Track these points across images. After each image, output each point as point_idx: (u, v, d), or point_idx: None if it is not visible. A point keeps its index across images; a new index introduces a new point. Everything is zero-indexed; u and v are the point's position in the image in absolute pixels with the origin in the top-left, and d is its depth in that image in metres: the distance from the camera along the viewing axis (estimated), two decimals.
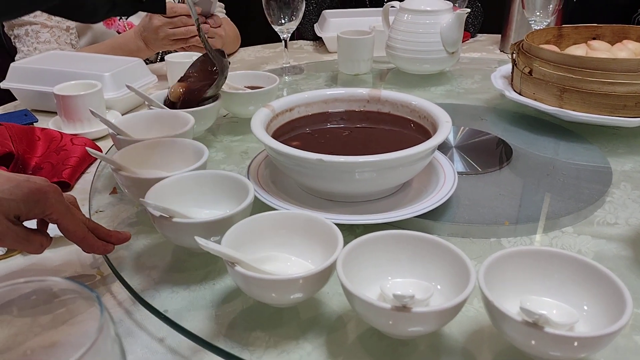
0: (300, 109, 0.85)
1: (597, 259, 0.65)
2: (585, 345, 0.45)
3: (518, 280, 0.53)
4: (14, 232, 0.56)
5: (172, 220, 0.60)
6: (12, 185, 0.56)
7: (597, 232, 0.71)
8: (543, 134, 0.98)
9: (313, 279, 0.52)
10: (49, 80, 1.07)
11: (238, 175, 0.68)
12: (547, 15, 1.33)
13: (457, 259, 0.53)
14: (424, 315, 0.47)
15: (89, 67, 1.11)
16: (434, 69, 1.30)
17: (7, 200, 0.55)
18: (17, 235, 0.56)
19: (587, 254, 0.67)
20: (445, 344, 0.54)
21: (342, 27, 1.38)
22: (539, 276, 0.53)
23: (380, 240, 0.55)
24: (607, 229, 0.72)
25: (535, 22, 1.35)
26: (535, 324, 0.45)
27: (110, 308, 0.60)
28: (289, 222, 0.60)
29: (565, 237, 0.70)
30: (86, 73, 1.07)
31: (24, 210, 0.56)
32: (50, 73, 1.10)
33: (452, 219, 0.72)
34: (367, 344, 0.54)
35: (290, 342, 0.54)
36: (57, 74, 1.08)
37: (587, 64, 0.92)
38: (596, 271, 0.50)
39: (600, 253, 0.67)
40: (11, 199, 0.55)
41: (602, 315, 0.49)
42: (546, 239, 0.70)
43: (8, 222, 0.55)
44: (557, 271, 0.52)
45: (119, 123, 0.83)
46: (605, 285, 0.50)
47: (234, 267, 0.52)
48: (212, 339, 0.55)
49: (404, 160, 0.67)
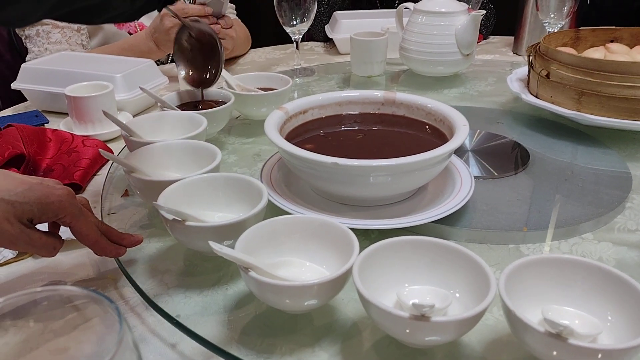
0: (314, 111, 0.84)
1: (618, 266, 0.63)
2: (610, 357, 0.43)
3: (539, 288, 0.51)
4: (27, 236, 0.55)
5: (185, 224, 0.59)
6: (25, 189, 0.55)
7: (618, 239, 0.70)
8: (560, 138, 0.97)
9: (328, 286, 0.51)
10: (60, 81, 1.06)
11: (251, 178, 0.67)
12: (562, 18, 1.31)
13: (476, 267, 0.51)
14: (443, 324, 0.46)
15: (100, 68, 1.10)
16: (448, 71, 1.29)
17: (20, 204, 0.54)
18: (30, 238, 0.55)
19: (608, 261, 0.65)
20: (463, 353, 0.52)
21: (354, 28, 1.37)
22: (560, 285, 0.51)
23: (396, 246, 0.54)
24: (628, 235, 0.70)
25: (549, 24, 1.33)
26: (559, 335, 0.43)
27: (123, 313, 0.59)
28: (303, 227, 0.59)
29: (585, 244, 0.69)
30: (97, 74, 1.06)
31: (37, 213, 0.55)
32: (61, 74, 1.09)
33: (469, 224, 0.71)
34: (383, 352, 0.53)
35: (305, 350, 0.53)
36: (68, 74, 1.08)
37: (606, 67, 0.91)
38: (620, 280, 0.49)
39: (622, 261, 0.65)
40: (24, 202, 0.54)
41: (627, 327, 0.48)
42: (566, 246, 0.68)
43: (21, 225, 0.54)
44: (579, 280, 0.51)
45: (131, 124, 0.82)
46: (630, 295, 0.48)
47: (248, 272, 0.51)
48: (225, 346, 0.54)
49: (420, 164, 0.66)
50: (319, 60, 1.53)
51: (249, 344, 0.54)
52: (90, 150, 0.89)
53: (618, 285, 0.49)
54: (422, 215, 0.68)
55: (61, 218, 0.57)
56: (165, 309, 0.58)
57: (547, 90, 1.00)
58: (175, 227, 0.60)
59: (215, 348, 0.53)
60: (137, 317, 0.59)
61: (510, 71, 1.16)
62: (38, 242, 0.56)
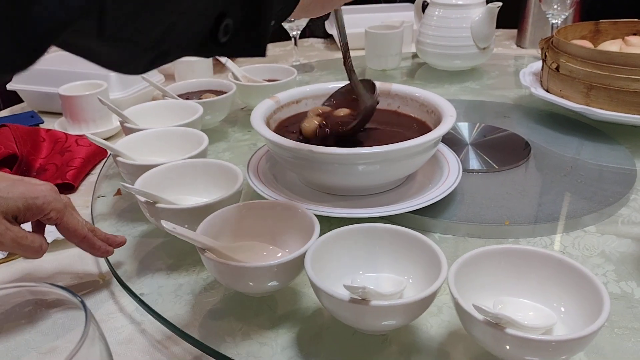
0: (307, 101, 0.84)
1: (622, 259, 0.62)
2: (547, 348, 0.42)
3: (495, 279, 0.50)
4: (13, 233, 0.52)
5: (156, 206, 0.60)
6: (8, 184, 0.53)
7: (622, 232, 0.67)
8: (568, 132, 0.93)
9: (281, 268, 0.51)
10: (54, 81, 1.05)
11: (229, 163, 0.68)
12: (565, 9, 1.27)
13: (432, 254, 0.51)
14: (383, 308, 0.45)
15: (95, 67, 1.09)
16: (465, 65, 1.27)
17: (4, 199, 0.51)
18: (16, 236, 0.52)
19: (611, 254, 0.63)
20: (421, 341, 0.51)
21: (354, 23, 1.35)
22: (516, 276, 0.50)
23: (352, 233, 0.54)
24: (632, 228, 0.68)
25: (552, 15, 1.29)
26: (497, 325, 0.42)
27: (112, 313, 0.58)
28: (267, 211, 0.60)
29: (587, 237, 0.67)
30: (92, 73, 1.05)
31: (23, 209, 0.53)
32: (56, 74, 1.08)
33: (467, 217, 0.69)
34: (342, 337, 0.52)
35: (265, 332, 0.53)
36: (63, 74, 1.06)
37: (615, 60, 0.87)
38: (574, 270, 0.47)
39: (625, 254, 0.63)
40: (9, 197, 0.52)
41: (581, 317, 0.46)
42: (568, 239, 0.66)
43: (6, 222, 0.52)
44: (534, 270, 0.49)
45: (129, 112, 0.84)
46: (584, 284, 0.47)
47: (204, 253, 0.52)
48: (186, 328, 0.54)
49: (394, 154, 0.65)
50: (319, 57, 1.51)
51: (209, 327, 0.55)
52: (83, 150, 0.88)
53: (573, 275, 0.48)
54: (400, 205, 0.67)
55: (47, 214, 0.54)
56: (132, 287, 0.59)
57: (557, 83, 0.97)
58: (147, 210, 0.62)
59: (177, 329, 0.54)
60: (128, 319, 0.58)
61: (512, 65, 1.13)
62: (24, 240, 0.53)
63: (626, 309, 0.55)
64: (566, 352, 0.43)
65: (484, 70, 1.30)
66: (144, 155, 0.75)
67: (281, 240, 0.59)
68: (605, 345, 0.50)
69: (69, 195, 0.79)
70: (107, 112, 1.00)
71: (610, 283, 0.59)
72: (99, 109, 0.97)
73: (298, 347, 0.52)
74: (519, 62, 1.37)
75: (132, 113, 0.85)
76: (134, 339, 0.55)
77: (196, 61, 1.14)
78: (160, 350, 0.54)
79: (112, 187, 0.82)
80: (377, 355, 0.50)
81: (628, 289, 0.58)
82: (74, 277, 0.65)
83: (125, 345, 0.54)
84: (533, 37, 1.46)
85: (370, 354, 0.50)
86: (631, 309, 0.55)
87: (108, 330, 0.56)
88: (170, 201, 0.62)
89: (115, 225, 0.73)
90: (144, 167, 0.69)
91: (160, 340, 0.55)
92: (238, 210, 0.59)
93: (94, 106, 0.96)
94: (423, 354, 0.50)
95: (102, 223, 0.73)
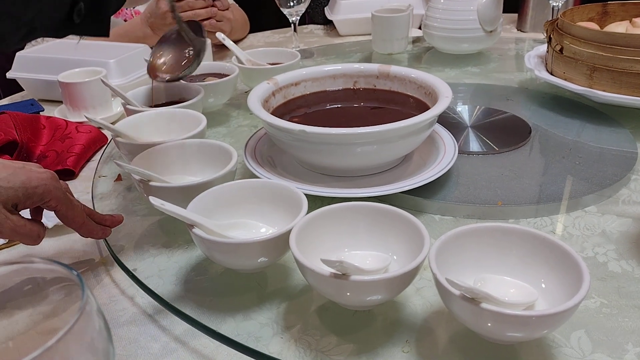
0: (307, 83, 0.85)
1: (622, 238, 0.62)
2: (524, 323, 0.42)
3: (477, 257, 0.51)
4: (12, 222, 0.53)
5: (150, 184, 0.62)
6: (9, 173, 0.53)
7: (622, 212, 0.67)
8: (570, 115, 0.93)
9: (267, 244, 0.52)
10: (54, 69, 1.05)
11: (224, 144, 0.69)
12: None
13: (416, 232, 0.51)
14: (363, 283, 0.46)
15: (94, 55, 1.10)
16: (472, 48, 1.26)
17: (5, 189, 0.52)
18: (15, 224, 0.53)
19: (612, 234, 0.63)
20: (405, 317, 0.52)
21: (353, 9, 1.36)
22: (497, 253, 0.50)
23: (338, 211, 0.54)
24: (633, 207, 0.68)
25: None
26: (473, 300, 0.43)
27: (114, 296, 0.59)
28: (259, 191, 0.60)
29: (588, 217, 0.67)
30: (91, 60, 1.06)
31: (22, 198, 0.53)
32: (55, 61, 1.09)
33: (465, 198, 0.70)
34: (328, 313, 0.53)
35: (252, 308, 0.55)
36: (62, 62, 1.07)
37: (619, 41, 0.86)
38: (554, 246, 0.48)
39: (626, 233, 0.63)
40: (9, 186, 0.52)
41: (561, 292, 0.46)
42: (568, 219, 0.67)
43: (6, 211, 0.52)
44: (515, 247, 0.49)
45: (132, 95, 0.86)
46: (564, 260, 0.47)
47: (192, 229, 0.53)
48: (175, 302, 0.56)
49: (387, 134, 0.65)
50: (319, 43, 1.50)
51: (199, 302, 0.56)
52: (83, 136, 0.88)
53: (553, 252, 0.48)
54: (394, 185, 0.68)
55: (46, 202, 0.55)
56: (125, 263, 0.60)
57: (560, 66, 0.96)
58: (142, 188, 0.63)
59: (166, 304, 0.55)
60: (129, 300, 0.59)
61: (513, 49, 1.12)
62: (22, 229, 0.54)
63: (626, 286, 0.55)
64: (543, 327, 0.43)
65: (487, 54, 1.29)
66: (143, 136, 0.77)
67: (271, 218, 0.60)
68: (606, 323, 0.51)
69: (69, 181, 0.81)
70: (107, 99, 1.01)
71: (610, 262, 0.59)
72: (99, 95, 0.98)
73: (284, 322, 0.53)
74: (519, 46, 1.36)
75: (134, 95, 0.86)
76: (136, 321, 0.55)
77: None
78: (162, 331, 0.54)
79: (112, 170, 0.83)
80: (364, 330, 0.51)
81: (629, 267, 0.58)
82: (75, 262, 0.65)
83: (127, 327, 0.54)
84: (534, 21, 1.46)
85: (356, 329, 0.51)
86: (631, 287, 0.55)
87: (110, 313, 0.56)
88: (165, 180, 0.63)
89: (114, 203, 0.74)
90: (142, 146, 0.71)
91: (162, 323, 0.55)
92: (229, 188, 0.60)
93: (93, 93, 0.97)
94: (407, 329, 0.51)
95: (101, 202, 0.75)
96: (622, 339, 0.49)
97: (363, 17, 1.49)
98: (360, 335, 0.51)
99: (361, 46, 1.41)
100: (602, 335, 0.49)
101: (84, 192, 0.79)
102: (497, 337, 0.46)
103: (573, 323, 0.50)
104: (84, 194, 0.78)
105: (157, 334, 0.54)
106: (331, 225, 0.55)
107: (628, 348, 0.48)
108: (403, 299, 0.54)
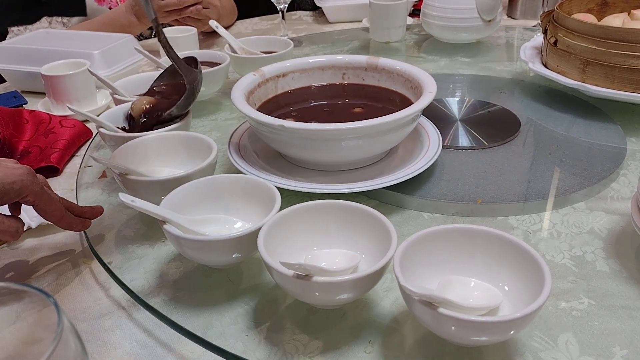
0: (294, 75, 0.85)
1: (610, 236, 0.62)
2: (482, 329, 0.42)
3: (443, 259, 0.51)
4: None
5: (127, 178, 0.62)
6: None
7: (610, 208, 0.67)
8: (562, 109, 0.92)
9: (235, 242, 0.52)
10: (37, 60, 1.03)
11: (205, 136, 0.69)
12: None
13: (384, 231, 0.51)
14: (325, 284, 0.46)
15: (78, 46, 1.08)
16: (471, 37, 1.24)
17: None
18: None
19: (600, 231, 0.63)
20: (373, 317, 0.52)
21: None
22: (463, 255, 0.50)
23: (308, 210, 0.54)
24: (621, 204, 0.68)
25: None
26: (431, 304, 0.43)
27: (99, 300, 0.58)
28: (233, 186, 0.61)
29: (577, 214, 0.67)
30: (75, 52, 1.04)
31: (0, 194, 0.52)
32: (38, 52, 1.06)
33: (449, 195, 0.69)
34: (297, 312, 0.54)
35: (224, 304, 0.55)
36: (45, 53, 1.05)
37: (612, 35, 0.85)
38: (518, 248, 0.48)
39: (614, 230, 0.63)
40: None
41: (525, 296, 0.46)
42: (557, 216, 0.66)
43: None
44: (479, 250, 0.49)
45: (120, 85, 0.86)
46: (528, 263, 0.47)
47: (163, 225, 0.54)
48: (147, 297, 0.56)
49: (366, 130, 0.65)
50: (308, 30, 1.48)
51: (171, 297, 0.56)
52: (67, 131, 0.86)
53: (517, 253, 0.48)
54: (376, 181, 0.68)
55: (24, 197, 0.54)
56: (101, 256, 0.61)
57: (554, 59, 0.95)
58: (121, 182, 0.63)
59: (137, 298, 0.56)
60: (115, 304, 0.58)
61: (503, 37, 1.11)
62: (1, 225, 0.54)
63: (615, 286, 0.55)
64: (504, 331, 0.43)
65: (482, 42, 1.27)
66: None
67: (247, 214, 0.60)
68: (593, 325, 0.51)
69: (54, 178, 0.80)
70: (92, 92, 0.99)
71: (599, 260, 0.59)
72: (83, 88, 0.96)
73: (254, 320, 0.53)
74: (509, 34, 1.34)
75: (123, 85, 0.86)
76: (121, 325, 0.55)
77: (181, 36, 1.15)
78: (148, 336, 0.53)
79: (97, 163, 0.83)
80: (332, 328, 0.51)
81: (616, 266, 0.58)
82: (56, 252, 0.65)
83: (112, 332, 0.54)
84: (524, 8, 1.44)
85: (326, 327, 0.52)
86: (620, 286, 0.55)
87: (93, 319, 0.55)
88: (143, 173, 0.64)
89: (95, 195, 0.75)
90: (126, 137, 0.71)
91: (148, 328, 0.54)
92: (204, 183, 0.61)
93: (78, 85, 0.95)
94: (373, 329, 0.51)
95: (86, 192, 0.75)
96: (610, 340, 0.49)
97: (352, 4, 1.48)
98: (328, 333, 0.51)
99: (356, 34, 1.40)
100: (589, 338, 0.49)
101: (67, 190, 0.78)
102: (461, 341, 0.46)
103: (561, 325, 0.50)
104: (67, 191, 0.78)
105: (129, 328, 0.54)
106: (302, 223, 0.55)
107: (615, 351, 0.48)
108: (374, 297, 0.54)
